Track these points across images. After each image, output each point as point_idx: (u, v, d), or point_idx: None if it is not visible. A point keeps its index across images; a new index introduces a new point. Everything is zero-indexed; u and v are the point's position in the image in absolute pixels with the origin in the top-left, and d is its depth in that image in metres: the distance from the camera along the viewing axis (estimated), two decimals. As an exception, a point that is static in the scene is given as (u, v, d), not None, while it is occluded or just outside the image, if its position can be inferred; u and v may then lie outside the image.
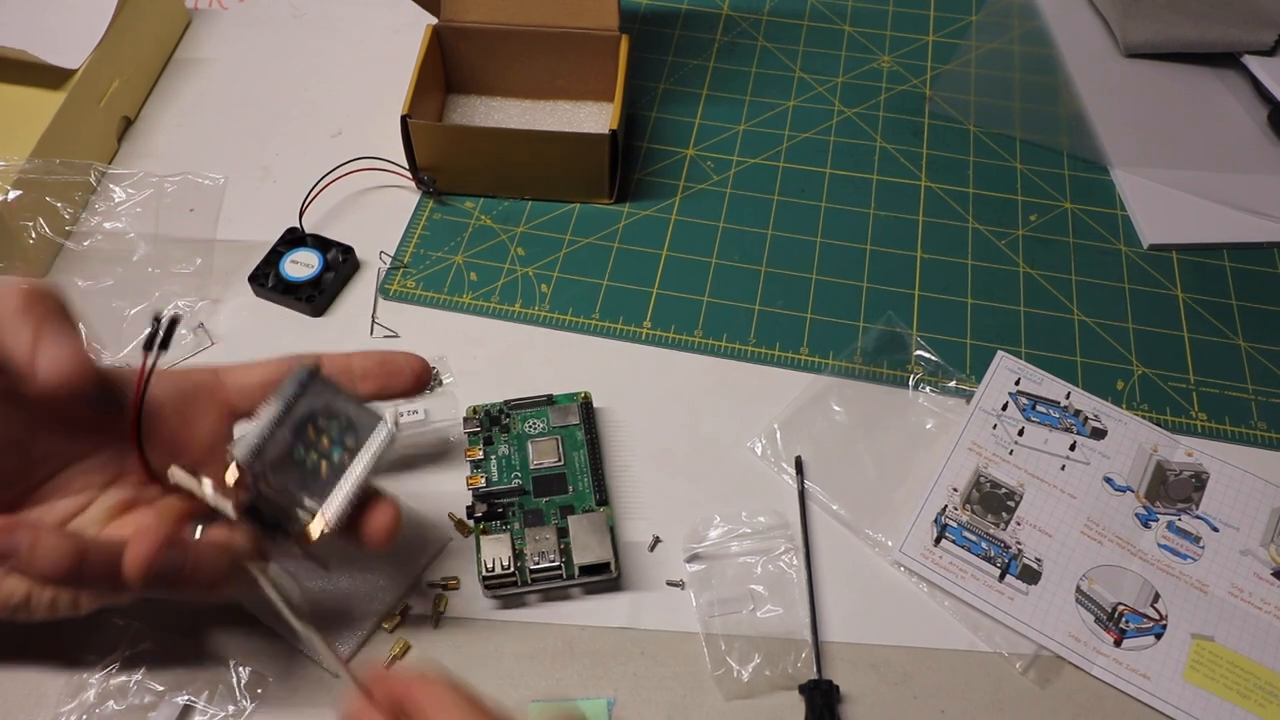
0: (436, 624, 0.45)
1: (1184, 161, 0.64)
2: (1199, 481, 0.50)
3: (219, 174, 0.62)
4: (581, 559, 0.44)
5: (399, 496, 0.41)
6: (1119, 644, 0.45)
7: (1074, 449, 0.51)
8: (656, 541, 0.48)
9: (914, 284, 0.58)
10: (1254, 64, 0.68)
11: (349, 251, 0.57)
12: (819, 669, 0.44)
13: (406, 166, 0.60)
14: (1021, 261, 0.59)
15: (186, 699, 0.42)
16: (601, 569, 0.45)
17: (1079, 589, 0.46)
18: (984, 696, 0.44)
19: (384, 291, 0.57)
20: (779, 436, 0.51)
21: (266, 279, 0.56)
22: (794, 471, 0.50)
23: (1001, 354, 0.54)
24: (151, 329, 0.36)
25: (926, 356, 0.54)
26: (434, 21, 0.62)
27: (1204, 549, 0.48)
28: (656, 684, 0.44)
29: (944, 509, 0.48)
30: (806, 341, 0.55)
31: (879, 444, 0.51)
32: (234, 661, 0.43)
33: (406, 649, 0.44)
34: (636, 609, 0.46)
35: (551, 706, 0.42)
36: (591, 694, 0.43)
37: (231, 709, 0.42)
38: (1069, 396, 0.52)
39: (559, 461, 0.48)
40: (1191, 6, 0.69)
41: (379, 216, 0.60)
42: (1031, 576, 0.46)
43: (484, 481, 0.47)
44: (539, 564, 0.44)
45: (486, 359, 0.54)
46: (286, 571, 0.45)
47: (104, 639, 0.43)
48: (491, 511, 0.46)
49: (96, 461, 0.38)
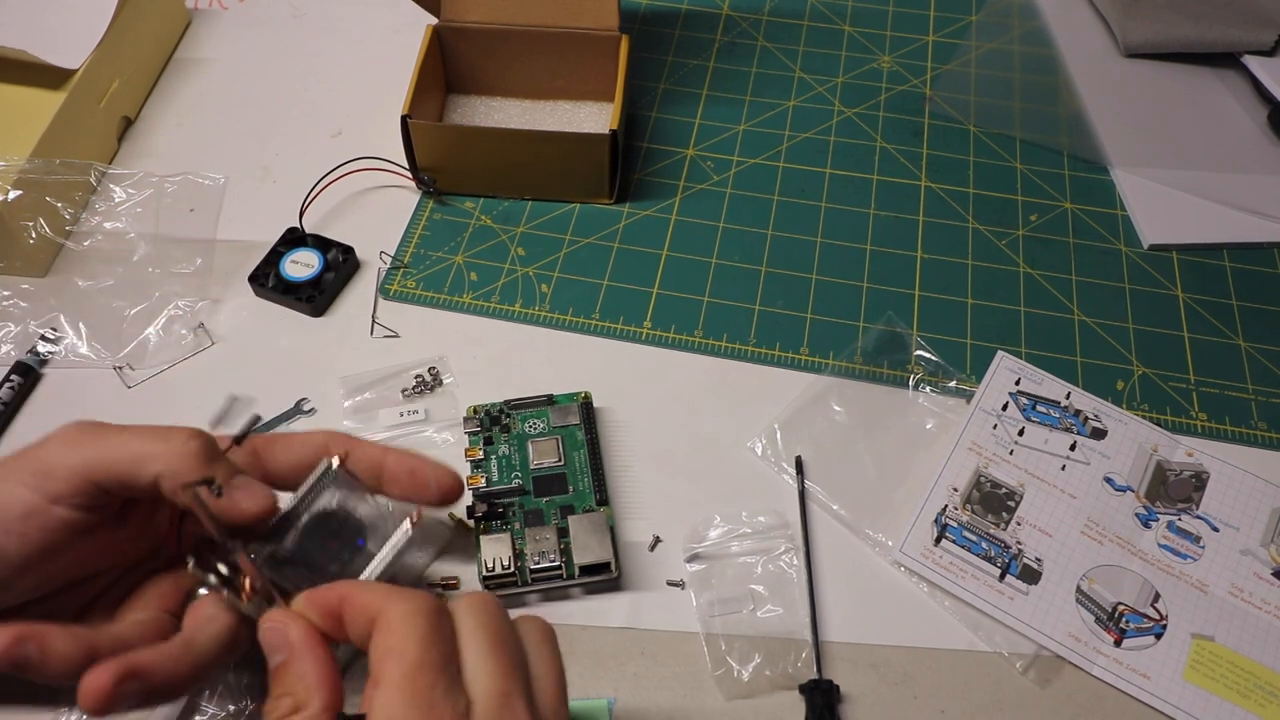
0: (436, 624, 0.45)
1: (1184, 161, 0.64)
2: (1199, 481, 0.50)
3: (219, 174, 0.62)
4: (582, 559, 0.44)
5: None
6: (1119, 644, 0.45)
7: (1074, 449, 0.51)
8: (656, 541, 0.48)
9: (914, 284, 0.58)
10: (1254, 64, 0.68)
11: (349, 251, 0.57)
12: (819, 669, 0.44)
13: (406, 166, 0.60)
14: (1021, 261, 0.59)
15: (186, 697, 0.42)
16: (601, 569, 0.45)
17: (1079, 589, 0.46)
18: (984, 696, 0.44)
19: (384, 291, 0.57)
20: (779, 436, 0.51)
21: (267, 279, 0.56)
22: (794, 471, 0.50)
23: (1001, 354, 0.54)
24: (241, 430, 0.37)
25: (926, 356, 0.54)
26: (434, 21, 0.62)
27: (1204, 549, 0.48)
28: (656, 684, 0.44)
29: (944, 509, 0.48)
30: (806, 341, 0.55)
31: (879, 444, 0.51)
32: (234, 662, 0.43)
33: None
34: (636, 609, 0.46)
35: None
36: (591, 694, 0.43)
37: (232, 708, 0.42)
38: (1069, 396, 0.52)
39: (559, 461, 0.48)
40: (1191, 6, 0.69)
41: (379, 216, 0.60)
42: (1031, 576, 0.46)
43: (484, 481, 0.47)
44: (539, 564, 0.44)
45: (486, 359, 0.54)
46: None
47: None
48: (492, 511, 0.46)
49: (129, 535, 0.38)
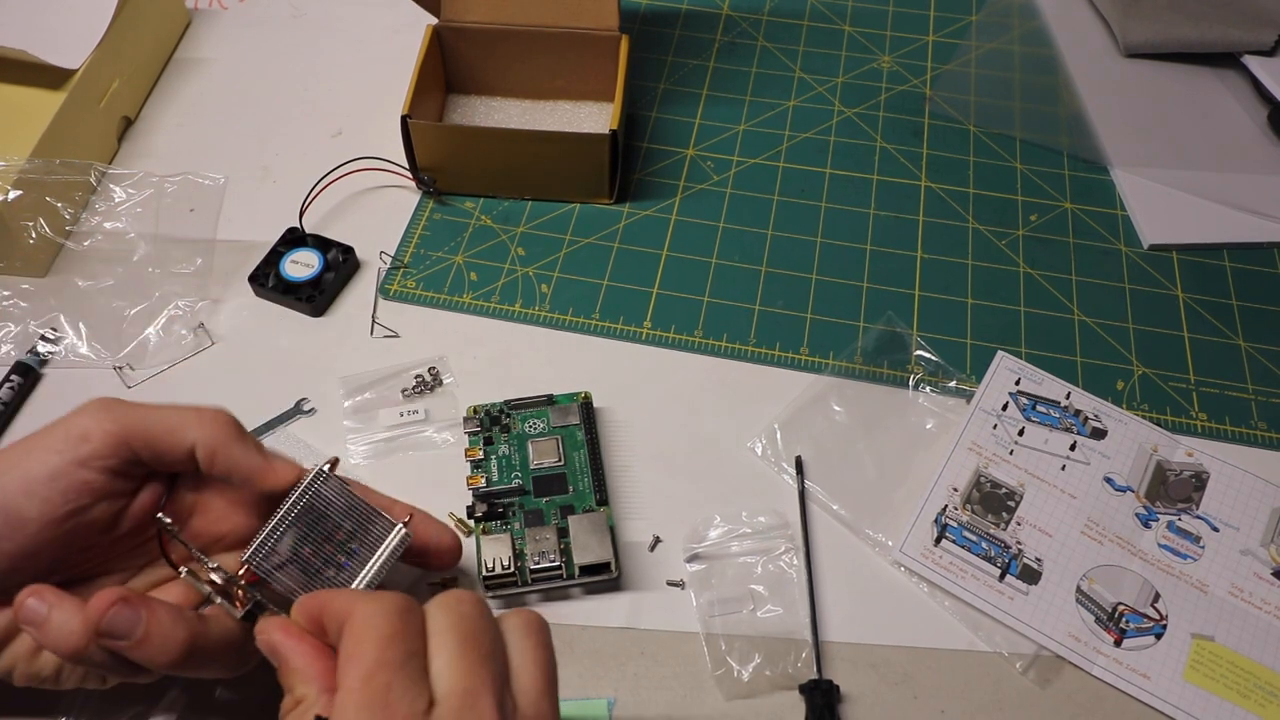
0: (436, 624, 0.45)
1: (1184, 161, 0.64)
2: (1199, 481, 0.50)
3: (219, 174, 0.62)
4: (582, 559, 0.44)
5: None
6: (1119, 644, 0.45)
7: (1074, 449, 0.51)
8: (656, 541, 0.48)
9: (914, 284, 0.58)
10: (1254, 64, 0.68)
11: (349, 251, 0.57)
12: (819, 669, 0.44)
13: (406, 166, 0.60)
14: (1021, 261, 0.59)
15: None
16: (602, 569, 0.45)
17: (1079, 589, 0.46)
18: (984, 696, 0.44)
19: (384, 291, 0.57)
20: (779, 436, 0.51)
21: (267, 279, 0.56)
22: (794, 471, 0.50)
23: (1001, 354, 0.54)
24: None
25: (926, 356, 0.54)
26: (434, 21, 0.62)
27: (1204, 549, 0.48)
28: (656, 684, 0.44)
29: (944, 509, 0.48)
30: (806, 341, 0.55)
31: (879, 444, 0.51)
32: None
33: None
34: (636, 609, 0.46)
35: None
36: (591, 694, 0.43)
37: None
38: (1069, 396, 0.52)
39: (559, 461, 0.48)
40: (1191, 6, 0.69)
41: (379, 216, 0.60)
42: (1031, 576, 0.46)
43: (484, 481, 0.47)
44: (539, 564, 0.44)
45: (486, 359, 0.54)
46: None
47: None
48: (492, 511, 0.46)
49: (135, 542, 0.39)
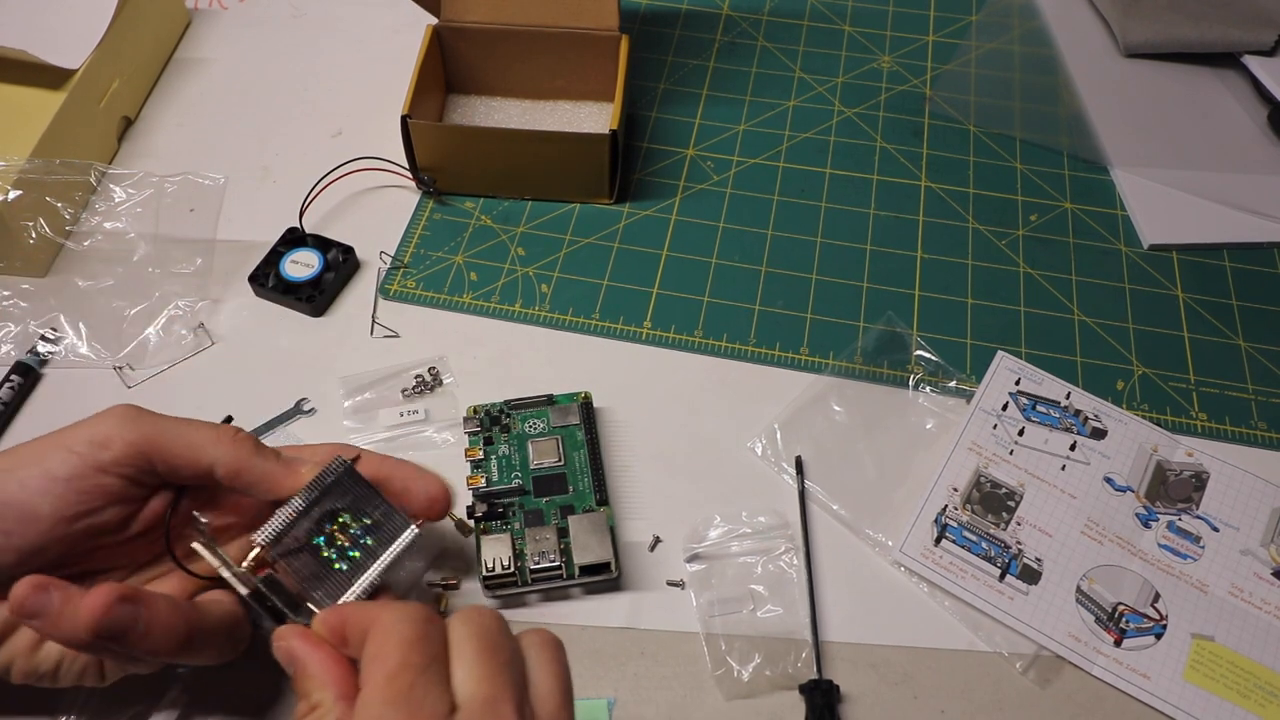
0: (436, 624, 0.45)
1: (1184, 161, 0.64)
2: (1199, 481, 0.50)
3: (219, 174, 0.62)
4: (582, 559, 0.44)
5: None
6: (1119, 644, 0.45)
7: (1074, 449, 0.51)
8: (656, 541, 0.48)
9: (914, 284, 0.58)
10: (1254, 64, 0.68)
11: (349, 251, 0.57)
12: (819, 669, 0.44)
13: (406, 166, 0.60)
14: (1021, 261, 0.59)
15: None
16: (602, 569, 0.45)
17: (1079, 589, 0.46)
18: (984, 696, 0.44)
19: (384, 291, 0.57)
20: (779, 436, 0.51)
21: (267, 279, 0.56)
22: (794, 471, 0.50)
23: (1001, 354, 0.54)
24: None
25: (926, 356, 0.54)
26: (434, 21, 0.62)
27: (1204, 549, 0.48)
28: (657, 684, 0.44)
29: (944, 509, 0.48)
30: (806, 341, 0.55)
31: (879, 444, 0.51)
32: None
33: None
34: (636, 609, 0.46)
35: None
36: (591, 694, 0.43)
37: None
38: (1069, 396, 0.52)
39: (559, 461, 0.48)
40: (1191, 6, 0.69)
41: (379, 216, 0.60)
42: (1031, 576, 0.46)
43: (484, 481, 0.47)
44: (539, 564, 0.44)
45: (486, 359, 0.54)
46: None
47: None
48: (492, 511, 0.46)
49: (142, 542, 0.39)
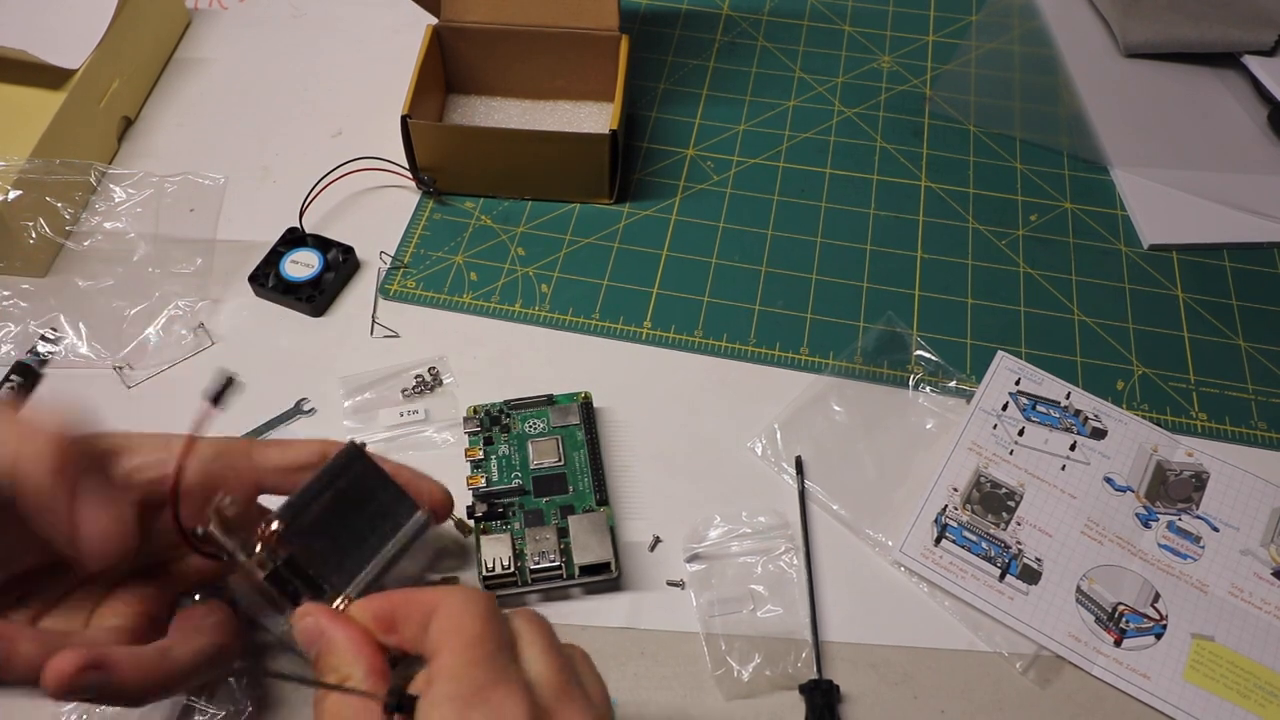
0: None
1: (1184, 161, 0.64)
2: (1199, 481, 0.50)
3: (219, 174, 0.62)
4: (582, 559, 0.44)
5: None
6: (1119, 644, 0.45)
7: (1074, 449, 0.51)
8: (656, 541, 0.48)
9: (914, 284, 0.58)
10: (1254, 64, 0.68)
11: (349, 251, 0.57)
12: (819, 669, 0.44)
13: (406, 166, 0.60)
14: (1021, 261, 0.59)
15: (187, 699, 0.42)
16: (602, 569, 0.45)
17: (1079, 589, 0.46)
18: (984, 696, 0.44)
19: (384, 291, 0.57)
20: (779, 436, 0.51)
21: (267, 279, 0.56)
22: (794, 471, 0.50)
23: (1001, 354, 0.54)
24: (214, 390, 0.35)
25: (926, 356, 0.54)
26: (434, 21, 0.62)
27: (1204, 549, 0.48)
28: (657, 684, 0.44)
29: (944, 509, 0.48)
30: (806, 341, 0.55)
31: (879, 444, 0.51)
32: (236, 663, 0.43)
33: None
34: (636, 609, 0.46)
35: None
36: (591, 694, 0.43)
37: (231, 709, 0.42)
38: (1069, 396, 0.52)
39: (559, 461, 0.48)
40: (1191, 6, 0.69)
41: (379, 216, 0.60)
42: (1031, 576, 0.46)
43: (484, 481, 0.47)
44: (539, 564, 0.44)
45: (486, 359, 0.54)
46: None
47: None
48: (492, 511, 0.46)
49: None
